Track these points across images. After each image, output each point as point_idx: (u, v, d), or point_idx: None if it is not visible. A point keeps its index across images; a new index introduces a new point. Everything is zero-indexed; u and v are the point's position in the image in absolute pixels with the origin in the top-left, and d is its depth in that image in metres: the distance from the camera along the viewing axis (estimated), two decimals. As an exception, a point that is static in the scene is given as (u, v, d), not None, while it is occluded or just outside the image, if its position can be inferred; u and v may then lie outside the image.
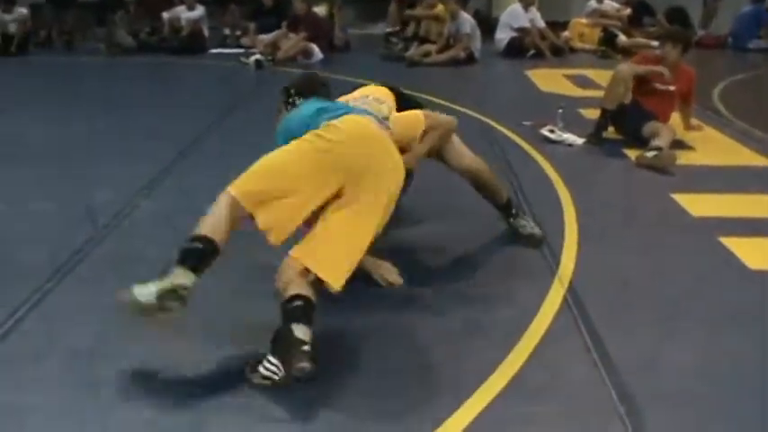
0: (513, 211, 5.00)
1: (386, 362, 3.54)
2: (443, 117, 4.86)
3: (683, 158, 6.67)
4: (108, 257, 4.65)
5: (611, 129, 7.38)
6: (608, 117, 7.28)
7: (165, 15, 13.87)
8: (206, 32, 13.88)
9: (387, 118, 4.34)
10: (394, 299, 4.15)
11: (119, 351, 3.59)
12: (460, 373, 3.45)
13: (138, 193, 5.67)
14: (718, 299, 4.23)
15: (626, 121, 7.24)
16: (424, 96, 8.95)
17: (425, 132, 4.60)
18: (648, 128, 6.94)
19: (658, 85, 7.17)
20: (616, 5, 14.27)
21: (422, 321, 3.92)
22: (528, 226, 4.95)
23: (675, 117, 7.46)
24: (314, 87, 4.64)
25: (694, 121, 7.70)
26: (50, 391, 3.30)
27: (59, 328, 3.82)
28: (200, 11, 13.83)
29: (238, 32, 14.31)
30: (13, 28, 13.45)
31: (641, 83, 7.18)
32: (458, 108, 8.51)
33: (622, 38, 13.59)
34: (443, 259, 4.72)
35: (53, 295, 4.15)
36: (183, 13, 13.78)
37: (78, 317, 3.93)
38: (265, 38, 12.98)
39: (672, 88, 7.17)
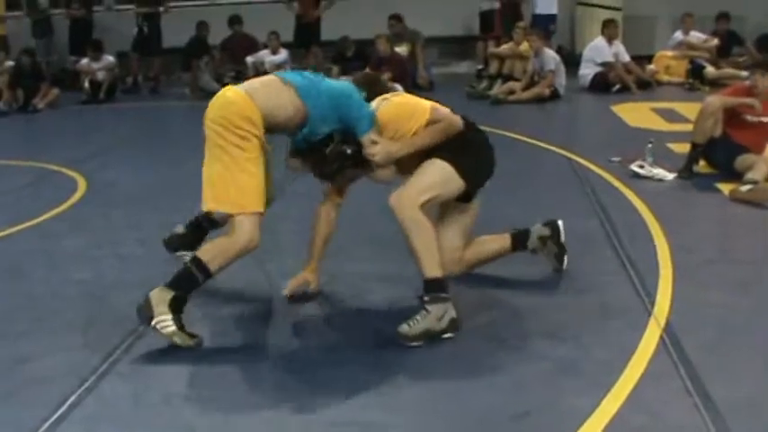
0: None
1: (481, 405, 3.48)
2: (450, 114, 4.57)
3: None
4: (198, 301, 4.65)
5: (702, 162, 7.23)
6: (699, 151, 7.13)
7: (250, 60, 14.05)
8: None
9: None
10: (484, 339, 4.10)
11: (211, 396, 3.60)
12: (557, 416, 3.37)
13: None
14: (823, 338, 4.07)
15: (717, 155, 7.09)
16: (509, 134, 8.93)
17: (427, 124, 4.45)
18: (742, 161, 6.79)
19: (750, 117, 7.01)
20: (703, 36, 14.04)
21: (515, 363, 3.85)
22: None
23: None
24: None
25: None
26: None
27: (153, 372, 3.85)
28: (283, 55, 14.00)
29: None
30: (101, 75, 13.79)
31: (732, 115, 7.03)
32: (544, 146, 8.46)
33: (710, 69, 13.34)
34: (534, 299, 4.63)
35: (146, 339, 4.17)
36: (267, 57, 13.96)
37: (170, 360, 3.95)
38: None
39: (765, 119, 7.00)
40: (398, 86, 12.34)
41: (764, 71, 7.00)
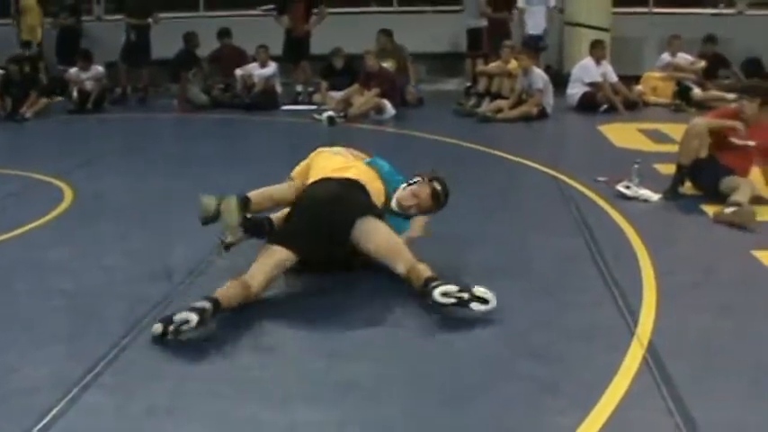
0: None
1: (463, 424, 3.48)
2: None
3: (764, 214, 6.53)
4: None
5: (688, 184, 7.27)
6: (684, 173, 7.17)
7: (239, 72, 14.06)
8: (279, 89, 14.03)
9: None
10: (466, 358, 4.11)
11: (194, 408, 3.60)
12: (539, 435, 3.39)
13: (212, 249, 5.69)
14: (805, 361, 4.10)
15: (703, 177, 7.13)
16: (496, 153, 8.96)
17: None
18: (726, 183, 6.83)
19: (735, 141, 7.04)
20: (690, 58, 14.10)
21: (498, 382, 3.86)
22: None
23: (757, 172, 7.31)
24: None
25: None
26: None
27: (136, 384, 3.84)
28: (272, 68, 13.99)
29: (311, 89, 14.45)
30: (89, 85, 13.75)
31: (718, 138, 7.07)
32: (531, 164, 8.50)
33: (697, 91, 13.41)
34: (517, 318, 4.63)
35: (130, 351, 4.17)
36: (256, 70, 13.96)
37: (155, 373, 3.95)
38: (337, 94, 13.10)
39: (751, 143, 7.03)
40: (387, 103, 12.45)
41: (752, 97, 7.05)
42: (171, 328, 4.20)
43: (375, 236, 4.98)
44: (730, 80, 13.80)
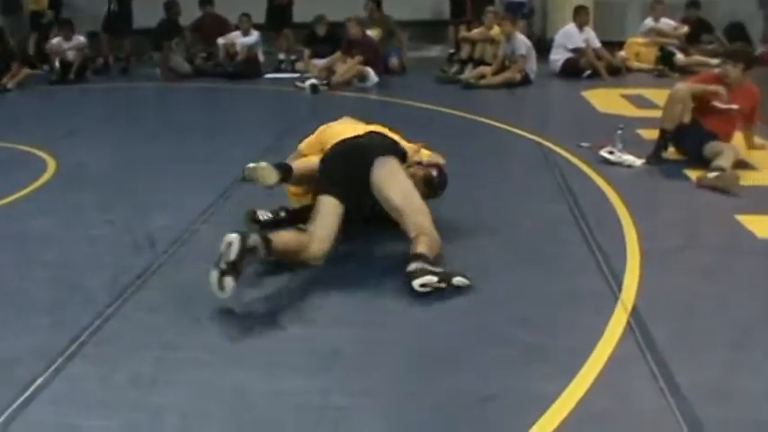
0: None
1: (447, 390, 3.50)
2: None
3: (747, 179, 6.55)
4: (167, 284, 4.67)
5: (671, 149, 7.28)
6: (667, 138, 7.18)
7: (221, 41, 13.97)
8: (261, 58, 13.96)
9: None
10: (452, 324, 4.12)
11: (178, 378, 3.61)
12: (523, 400, 3.39)
13: (196, 219, 5.68)
14: (787, 324, 4.12)
15: (686, 142, 7.13)
16: (480, 119, 8.95)
17: None
18: (710, 148, 6.83)
19: (718, 105, 7.04)
20: (673, 23, 14.08)
21: (483, 348, 3.87)
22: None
23: (739, 137, 7.33)
24: None
25: (758, 141, 7.55)
26: (113, 415, 3.31)
27: (121, 354, 3.84)
28: (254, 36, 13.92)
29: (293, 57, 14.38)
30: (71, 55, 13.64)
31: (701, 102, 7.07)
32: (515, 130, 8.49)
33: (680, 56, 13.42)
34: (502, 284, 4.65)
35: (114, 321, 4.17)
36: (239, 39, 13.87)
37: (139, 343, 3.94)
38: (320, 62, 13.04)
39: (734, 107, 7.05)
40: (370, 71, 12.41)
41: (735, 62, 7.05)
42: (232, 257, 4.17)
43: (393, 184, 4.88)
44: (713, 45, 13.82)
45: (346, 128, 5.51)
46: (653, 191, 6.56)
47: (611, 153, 7.21)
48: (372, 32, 13.51)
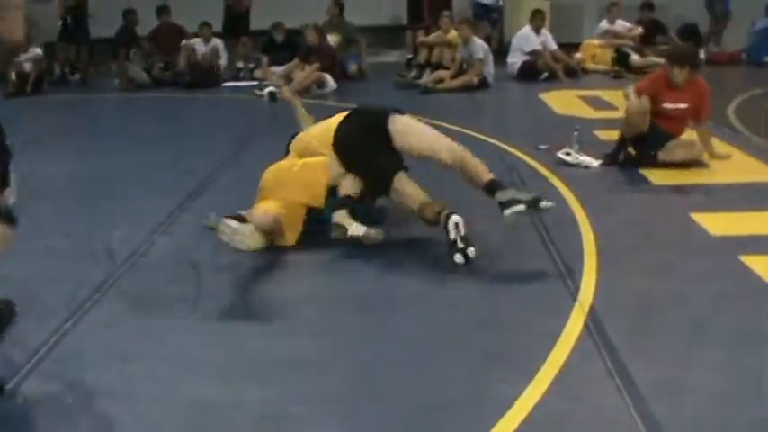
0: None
1: (403, 395, 3.50)
2: None
3: (701, 177, 6.64)
4: (126, 296, 4.64)
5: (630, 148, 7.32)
6: (626, 142, 7.20)
7: (184, 43, 13.88)
8: (224, 63, 13.90)
9: None
10: (410, 328, 4.13)
11: (136, 391, 3.58)
12: (481, 403, 3.41)
13: (154, 229, 5.66)
14: (740, 320, 4.16)
15: (645, 144, 7.16)
16: (437, 123, 8.98)
17: None
18: (664, 152, 6.95)
19: (668, 105, 7.08)
20: (628, 25, 14.24)
21: (439, 353, 3.89)
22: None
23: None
24: None
25: (721, 150, 7.45)
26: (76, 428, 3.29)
27: (79, 370, 3.80)
28: (216, 42, 13.90)
29: (251, 65, 14.36)
30: (28, 67, 13.52)
31: (653, 104, 7.09)
32: (473, 134, 8.53)
33: (635, 57, 13.57)
34: (460, 287, 4.68)
35: (72, 336, 4.14)
36: (199, 45, 13.82)
37: (97, 358, 3.91)
38: (278, 70, 13.03)
39: (683, 106, 7.11)
40: (328, 77, 12.42)
41: (681, 64, 7.09)
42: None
43: (414, 128, 5.36)
44: (668, 46, 13.95)
45: (321, 124, 5.73)
46: (610, 191, 6.62)
47: (567, 154, 7.27)
48: (332, 38, 13.52)
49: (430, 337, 4.04)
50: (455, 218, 4.86)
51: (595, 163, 7.18)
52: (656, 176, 6.79)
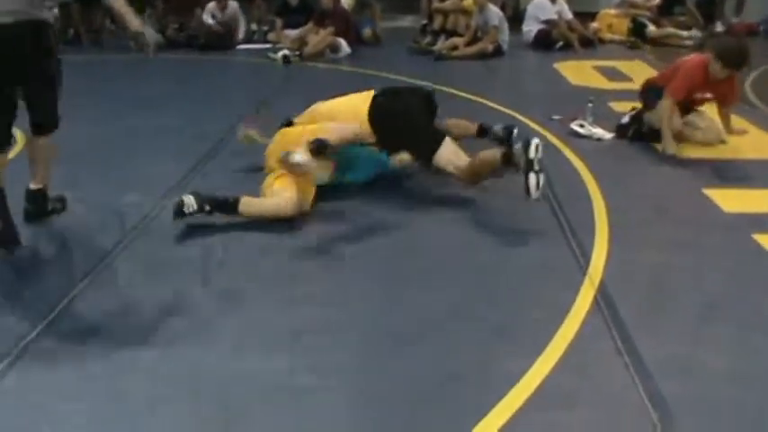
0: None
1: (412, 368, 3.52)
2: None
3: (716, 152, 6.60)
4: (137, 260, 4.65)
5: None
6: (642, 120, 7.10)
7: (200, 13, 13.79)
8: (242, 27, 13.79)
9: None
10: (417, 302, 4.13)
11: (140, 363, 3.59)
12: (490, 378, 3.42)
13: (167, 193, 5.64)
14: (752, 299, 4.16)
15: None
16: (452, 91, 8.94)
17: None
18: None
19: (697, 95, 6.91)
20: (645, -5, 14.13)
21: (449, 325, 3.89)
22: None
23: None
24: None
25: (739, 126, 7.12)
26: (82, 400, 3.30)
27: (91, 332, 3.82)
28: (233, 7, 13.79)
29: (265, 28, 14.28)
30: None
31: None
32: (486, 102, 8.49)
33: (652, 28, 13.45)
34: (470, 259, 4.68)
35: (89, 291, 4.18)
36: (213, 14, 13.72)
37: (108, 321, 3.92)
38: (292, 33, 12.96)
39: (710, 95, 6.93)
40: (342, 42, 12.35)
41: (728, 68, 6.61)
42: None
43: None
44: (685, 17, 13.85)
45: (340, 101, 5.89)
46: (623, 164, 6.58)
47: (581, 126, 7.23)
48: (346, 1, 13.44)
49: (438, 310, 4.04)
50: (536, 140, 5.08)
51: (608, 135, 7.14)
52: (669, 150, 6.75)
